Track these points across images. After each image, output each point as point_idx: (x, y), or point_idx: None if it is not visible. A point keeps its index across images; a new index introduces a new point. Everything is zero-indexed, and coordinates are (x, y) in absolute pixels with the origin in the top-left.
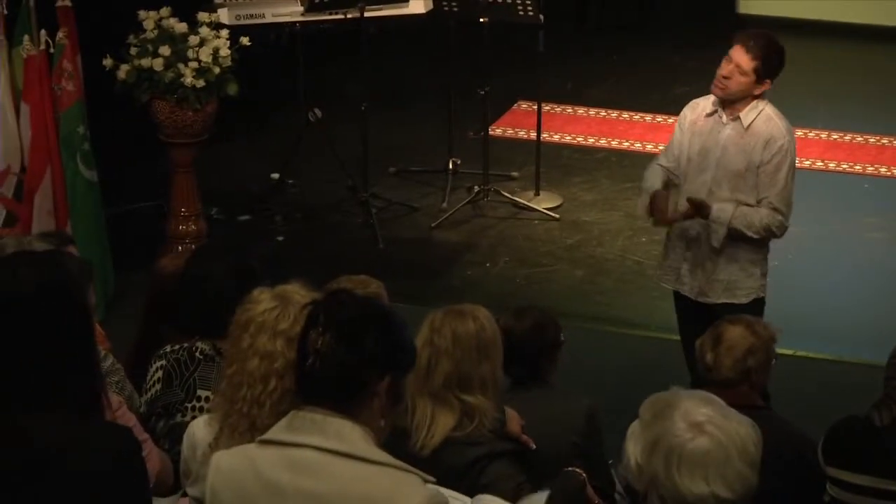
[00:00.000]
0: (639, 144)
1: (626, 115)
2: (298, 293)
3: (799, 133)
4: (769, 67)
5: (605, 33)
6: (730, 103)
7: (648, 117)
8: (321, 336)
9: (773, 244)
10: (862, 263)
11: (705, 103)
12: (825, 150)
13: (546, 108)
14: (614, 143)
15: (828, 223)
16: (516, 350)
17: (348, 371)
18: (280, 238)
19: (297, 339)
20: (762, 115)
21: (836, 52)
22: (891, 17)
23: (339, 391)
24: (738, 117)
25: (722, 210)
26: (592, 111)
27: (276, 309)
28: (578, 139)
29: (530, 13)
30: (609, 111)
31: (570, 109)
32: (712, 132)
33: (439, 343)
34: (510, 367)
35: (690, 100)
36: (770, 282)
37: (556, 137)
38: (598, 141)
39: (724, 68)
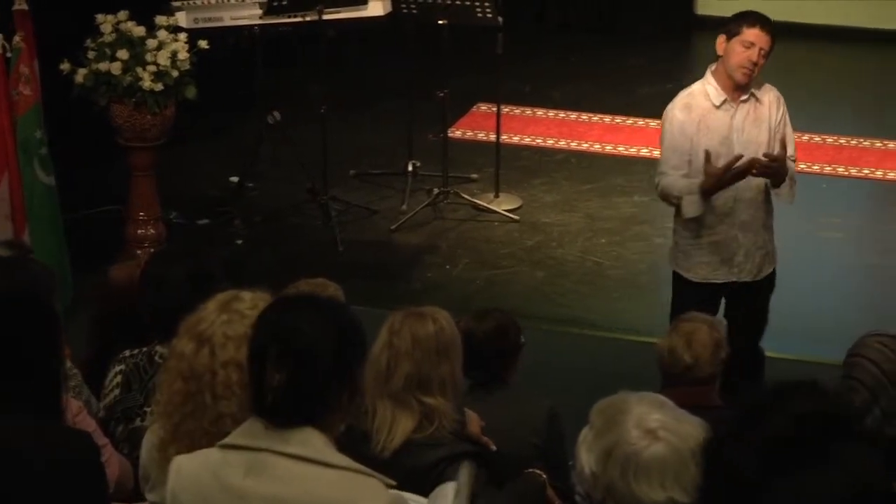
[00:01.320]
0: (598, 146)
1: (585, 116)
2: (244, 300)
3: None
4: (773, 46)
5: (564, 35)
6: (743, 87)
7: (608, 118)
8: (276, 373)
9: None
10: (819, 263)
11: (698, 100)
12: None
13: (505, 109)
14: (574, 145)
15: (786, 223)
16: (477, 352)
17: (309, 400)
18: (239, 241)
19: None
20: (760, 84)
21: (791, 52)
22: (843, 17)
23: (300, 415)
24: (753, 94)
25: (790, 168)
26: (552, 113)
27: (209, 315)
28: (538, 141)
29: (489, 15)
30: (568, 112)
31: (529, 111)
32: (724, 120)
33: (399, 345)
34: (471, 370)
35: (650, 100)
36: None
37: (515, 139)
38: (557, 142)
39: (751, 53)
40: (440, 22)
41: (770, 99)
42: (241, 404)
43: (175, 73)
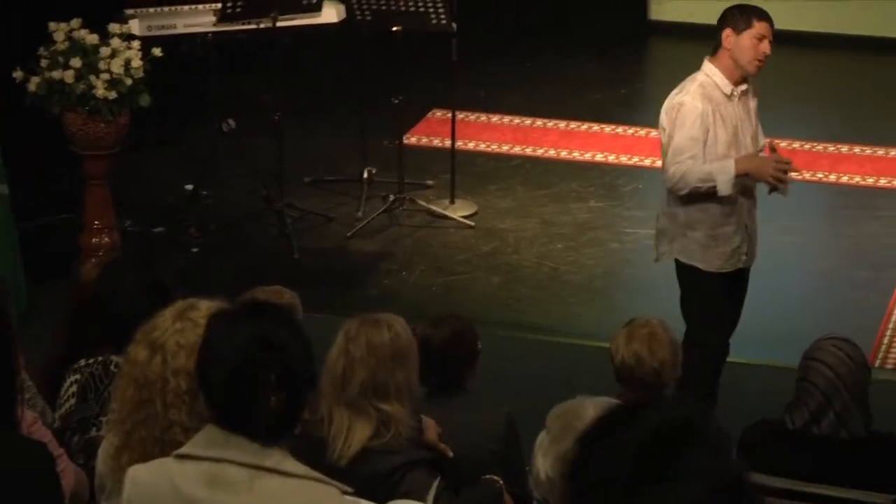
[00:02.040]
0: (553, 151)
1: (540, 122)
2: (200, 309)
3: None
4: None
5: (519, 40)
6: (747, 79)
7: (563, 124)
8: (274, 395)
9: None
10: (774, 268)
11: (710, 91)
12: None
13: (460, 115)
14: (529, 151)
15: None
16: (434, 359)
17: (297, 416)
18: (195, 249)
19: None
20: None
21: None
22: (795, 21)
23: (289, 430)
24: (748, 84)
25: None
26: (507, 118)
27: (164, 323)
28: (493, 147)
29: (443, 22)
30: (523, 118)
31: (484, 117)
32: (732, 110)
33: (354, 352)
34: (428, 376)
35: (604, 106)
36: None
37: (470, 145)
38: (512, 148)
39: (767, 47)
40: (394, 28)
41: (755, 90)
42: (191, 413)
43: (129, 81)
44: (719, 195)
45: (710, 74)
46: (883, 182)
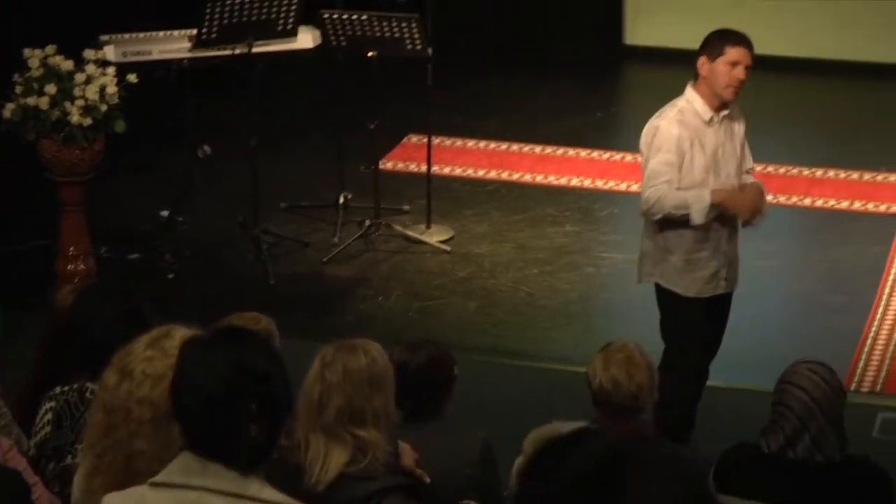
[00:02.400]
0: (529, 176)
1: (516, 146)
2: (174, 338)
3: None
4: None
5: (494, 65)
6: (726, 105)
7: (538, 148)
8: (254, 423)
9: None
10: (751, 291)
11: (689, 117)
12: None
13: (436, 140)
14: (505, 175)
15: None
16: (410, 384)
17: (245, 448)
18: (170, 276)
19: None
20: None
21: None
22: (771, 46)
23: (268, 457)
24: (730, 111)
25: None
26: (483, 143)
27: (138, 349)
28: (469, 171)
29: (418, 47)
30: (499, 143)
31: (460, 142)
32: (712, 136)
33: (331, 378)
34: (404, 401)
35: (580, 130)
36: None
37: (446, 170)
38: (488, 173)
39: (741, 73)
40: (370, 54)
41: (737, 113)
42: (156, 443)
43: (104, 108)
44: (691, 224)
45: (691, 100)
46: (857, 206)
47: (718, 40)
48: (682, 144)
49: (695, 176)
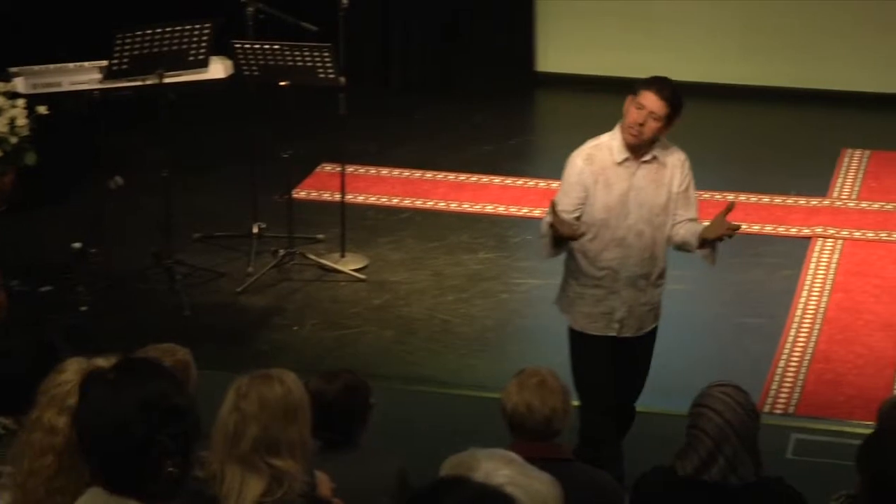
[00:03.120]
0: (443, 203)
1: (430, 174)
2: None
3: None
4: (677, 109)
5: (407, 93)
6: (640, 147)
7: (452, 176)
8: (170, 459)
9: None
10: (666, 315)
11: (603, 153)
12: None
13: (350, 169)
14: (419, 203)
15: None
16: (327, 413)
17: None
18: (84, 308)
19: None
20: (666, 147)
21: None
22: (676, 71)
23: (149, 497)
24: (655, 157)
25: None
26: (396, 171)
27: (70, 383)
28: (383, 200)
29: (331, 76)
30: (413, 171)
31: (373, 170)
32: (625, 177)
33: (246, 408)
34: (321, 431)
35: (493, 157)
36: None
37: (360, 198)
38: (402, 201)
39: (637, 115)
40: (282, 83)
41: (674, 162)
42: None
43: (14, 140)
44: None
45: (612, 138)
46: (769, 229)
47: (641, 81)
48: (583, 179)
49: (594, 214)
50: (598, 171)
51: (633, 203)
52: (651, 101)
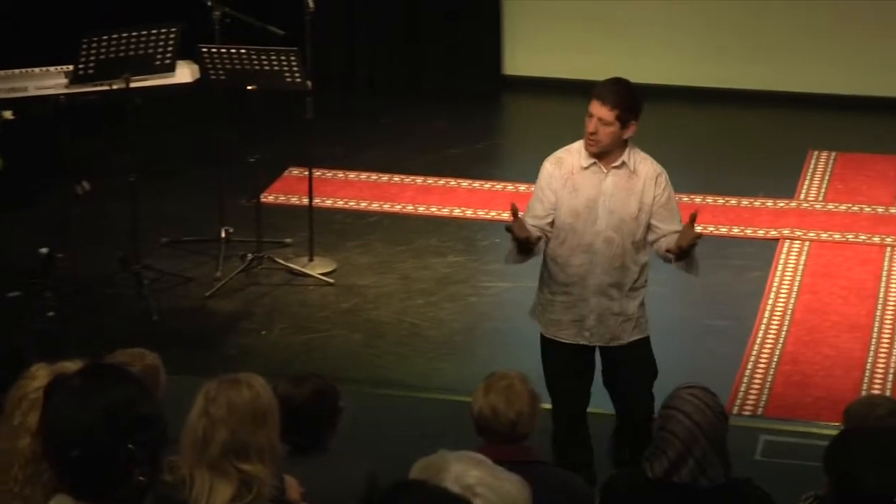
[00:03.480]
0: (411, 207)
1: (397, 177)
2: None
3: None
4: (630, 110)
5: (374, 97)
6: (605, 154)
7: (420, 179)
8: (138, 467)
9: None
10: None
11: (572, 158)
12: None
13: (317, 173)
14: (387, 207)
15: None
16: (295, 417)
17: (127, 491)
18: (51, 314)
19: None
20: (639, 158)
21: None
22: (643, 74)
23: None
24: (624, 163)
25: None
26: (364, 175)
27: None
28: (351, 203)
29: (298, 80)
30: (380, 174)
31: (341, 174)
32: (593, 183)
33: (215, 413)
34: (290, 435)
35: (460, 161)
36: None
37: (328, 202)
38: (370, 205)
39: (588, 124)
40: (249, 87)
41: (647, 174)
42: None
43: None
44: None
45: (582, 143)
46: (736, 231)
47: (593, 89)
48: (552, 183)
49: (562, 218)
50: (566, 175)
51: (602, 209)
52: (596, 109)
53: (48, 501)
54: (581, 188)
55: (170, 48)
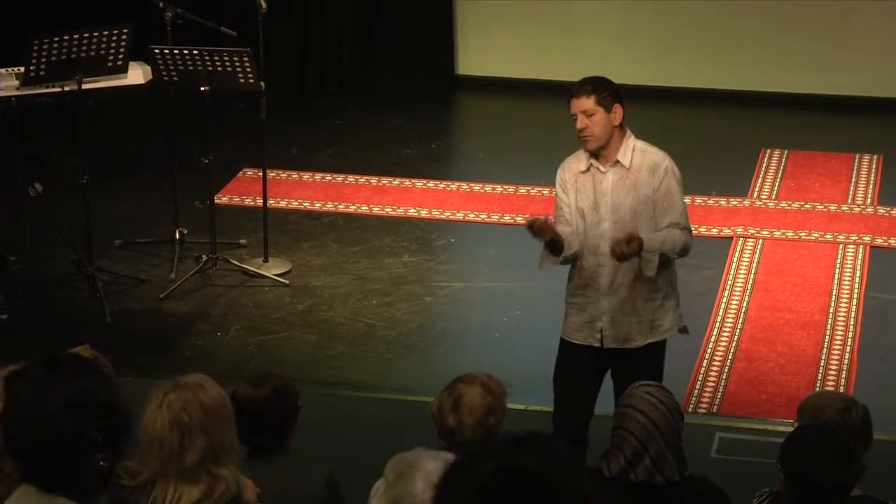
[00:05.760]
0: (365, 207)
1: (351, 178)
2: None
3: (508, 189)
4: (608, 94)
5: (328, 98)
6: (603, 150)
7: (374, 180)
8: (100, 453)
9: (503, 301)
10: None
11: (575, 162)
12: (527, 205)
13: (272, 174)
14: (341, 207)
15: (557, 278)
16: (256, 418)
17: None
18: (4, 316)
19: None
20: (637, 150)
21: (544, 109)
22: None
23: (78, 493)
24: (618, 161)
25: (651, 239)
26: (318, 176)
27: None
28: (305, 204)
29: (251, 80)
30: (335, 175)
31: (295, 175)
32: (595, 184)
33: (189, 421)
34: (251, 436)
35: (415, 161)
36: (500, 338)
37: (283, 203)
38: (325, 205)
39: (579, 122)
40: (202, 88)
41: (645, 165)
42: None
43: None
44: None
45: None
46: None
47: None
48: (565, 187)
49: (574, 218)
50: (572, 178)
51: (605, 210)
52: (575, 104)
53: (11, 493)
54: (584, 191)
55: (122, 49)
